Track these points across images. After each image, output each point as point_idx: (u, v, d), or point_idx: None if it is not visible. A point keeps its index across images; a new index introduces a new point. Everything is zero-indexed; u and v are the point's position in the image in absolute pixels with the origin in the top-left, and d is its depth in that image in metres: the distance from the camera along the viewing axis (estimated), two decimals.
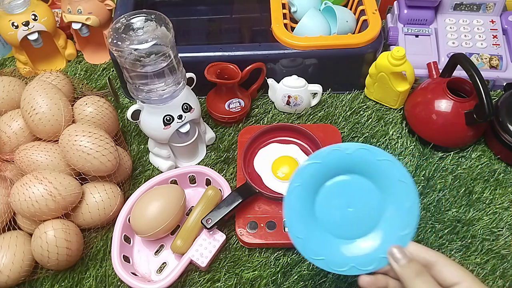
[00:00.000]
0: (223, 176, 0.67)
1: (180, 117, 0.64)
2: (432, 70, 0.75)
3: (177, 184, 0.68)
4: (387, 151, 0.72)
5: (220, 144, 0.75)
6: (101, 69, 0.88)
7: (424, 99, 0.72)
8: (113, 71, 0.88)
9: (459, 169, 0.71)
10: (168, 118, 0.63)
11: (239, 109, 0.75)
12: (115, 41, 0.54)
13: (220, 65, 0.72)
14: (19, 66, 0.87)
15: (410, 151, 0.73)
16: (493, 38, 0.81)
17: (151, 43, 0.54)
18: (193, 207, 0.65)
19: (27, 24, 0.79)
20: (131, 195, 0.65)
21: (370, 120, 0.78)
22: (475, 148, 0.74)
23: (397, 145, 0.74)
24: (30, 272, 0.60)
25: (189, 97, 0.65)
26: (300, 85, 0.75)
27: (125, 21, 0.56)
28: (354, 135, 0.76)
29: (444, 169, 0.71)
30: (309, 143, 0.71)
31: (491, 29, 0.82)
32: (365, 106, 0.80)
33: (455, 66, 0.72)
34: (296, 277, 0.60)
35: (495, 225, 0.64)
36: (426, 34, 0.83)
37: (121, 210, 0.64)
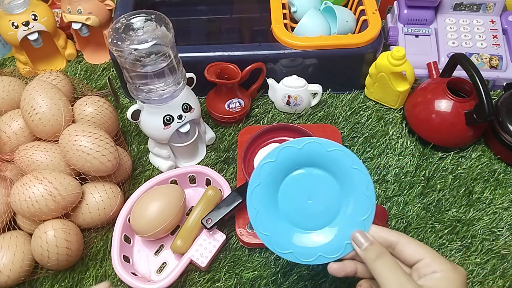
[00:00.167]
0: (223, 176, 0.67)
1: (180, 117, 0.64)
2: (432, 70, 0.75)
3: (177, 184, 0.68)
4: (387, 151, 0.73)
5: (220, 144, 0.75)
6: (101, 69, 0.88)
7: (424, 99, 0.72)
8: (113, 71, 0.88)
9: (459, 169, 0.71)
10: (168, 118, 0.63)
11: (239, 109, 0.75)
12: (115, 41, 0.54)
13: (220, 65, 0.72)
14: (19, 66, 0.87)
15: (410, 151, 0.73)
16: (493, 38, 0.81)
17: (151, 43, 0.54)
18: (193, 207, 0.65)
19: (27, 24, 0.79)
20: (131, 195, 0.65)
21: (370, 120, 0.78)
22: (475, 148, 0.74)
23: (397, 145, 0.74)
24: (30, 272, 0.60)
25: (189, 97, 0.65)
26: (300, 85, 0.75)
27: (125, 21, 0.56)
28: (354, 135, 0.76)
29: (444, 169, 0.71)
30: None
31: (491, 29, 0.82)
32: (365, 106, 0.80)
33: (455, 66, 0.72)
34: (296, 277, 0.60)
35: (495, 225, 0.64)
36: (426, 34, 0.83)
37: (121, 210, 0.64)
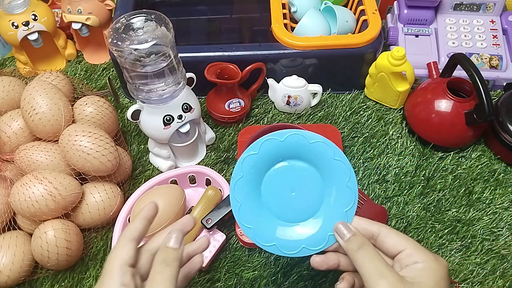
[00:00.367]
0: (223, 176, 0.67)
1: (180, 117, 0.64)
2: (432, 70, 0.75)
3: (177, 184, 0.68)
4: (387, 151, 0.73)
5: (220, 144, 0.75)
6: (101, 69, 0.88)
7: (424, 99, 0.72)
8: (113, 71, 0.88)
9: (459, 169, 0.71)
10: (168, 118, 0.63)
11: (239, 109, 0.75)
12: (115, 41, 0.54)
13: (220, 65, 0.72)
14: (19, 66, 0.87)
15: (410, 151, 0.73)
16: (493, 38, 0.81)
17: (151, 43, 0.54)
18: (193, 207, 0.65)
19: (27, 24, 0.79)
20: (131, 195, 0.65)
21: (370, 120, 0.78)
22: (475, 148, 0.74)
23: (397, 145, 0.74)
24: (30, 272, 0.60)
25: (189, 97, 0.65)
26: (300, 85, 0.75)
27: (125, 21, 0.56)
28: (354, 135, 0.76)
29: (444, 169, 0.71)
30: None
31: (491, 29, 0.82)
32: (365, 106, 0.80)
33: (455, 66, 0.72)
34: (296, 277, 0.60)
35: (495, 225, 0.64)
36: (426, 34, 0.83)
37: (121, 210, 0.64)
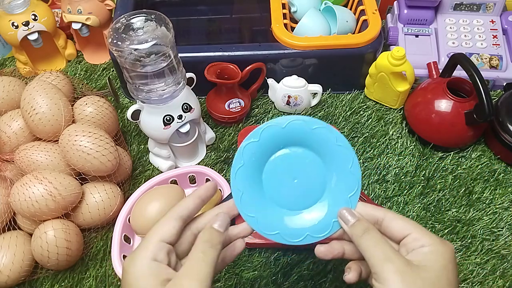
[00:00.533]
0: (223, 176, 0.67)
1: (180, 117, 0.64)
2: (432, 70, 0.75)
3: (177, 184, 0.68)
4: (387, 151, 0.73)
5: (220, 144, 0.75)
6: (101, 69, 0.88)
7: (424, 99, 0.72)
8: (113, 71, 0.88)
9: (459, 169, 0.71)
10: (168, 118, 0.63)
11: (239, 109, 0.75)
12: (115, 41, 0.54)
13: (220, 65, 0.72)
14: (19, 66, 0.87)
15: (410, 151, 0.73)
16: (493, 38, 0.81)
17: (151, 43, 0.54)
18: None
19: (27, 24, 0.79)
20: (131, 195, 0.65)
21: (370, 120, 0.78)
22: (475, 148, 0.74)
23: (397, 145, 0.74)
24: (30, 272, 0.60)
25: (189, 97, 0.65)
26: (300, 85, 0.75)
27: (125, 21, 0.56)
28: (354, 135, 0.76)
29: (444, 169, 0.71)
30: None
31: (491, 29, 0.82)
32: (365, 106, 0.80)
33: (455, 66, 0.72)
34: (296, 277, 0.60)
35: (495, 225, 0.64)
36: (426, 34, 0.83)
37: (121, 210, 0.63)
